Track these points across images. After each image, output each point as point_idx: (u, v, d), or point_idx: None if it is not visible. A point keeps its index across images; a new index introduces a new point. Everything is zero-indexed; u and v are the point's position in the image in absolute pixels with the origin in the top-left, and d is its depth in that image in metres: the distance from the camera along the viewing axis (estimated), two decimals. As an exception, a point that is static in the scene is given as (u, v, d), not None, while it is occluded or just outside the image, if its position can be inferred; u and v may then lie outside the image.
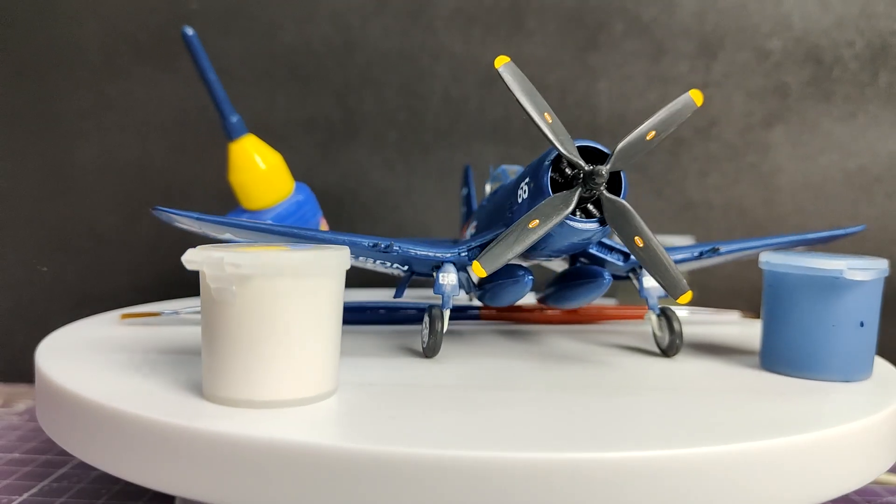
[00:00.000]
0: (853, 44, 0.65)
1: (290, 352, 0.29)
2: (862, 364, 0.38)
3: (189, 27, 0.51)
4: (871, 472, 0.31)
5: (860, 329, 0.37)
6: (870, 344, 0.38)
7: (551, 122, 0.35)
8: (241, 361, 0.29)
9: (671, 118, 0.36)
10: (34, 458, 0.46)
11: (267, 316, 0.29)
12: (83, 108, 0.69)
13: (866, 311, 0.37)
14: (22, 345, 0.64)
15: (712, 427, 0.29)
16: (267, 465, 0.26)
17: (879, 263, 0.37)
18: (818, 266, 0.36)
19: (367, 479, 0.25)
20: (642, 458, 0.26)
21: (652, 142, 0.35)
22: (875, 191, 0.66)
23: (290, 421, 0.28)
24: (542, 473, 0.25)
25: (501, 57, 0.37)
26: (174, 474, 0.28)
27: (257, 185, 0.53)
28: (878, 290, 0.38)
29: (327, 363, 0.31)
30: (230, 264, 0.28)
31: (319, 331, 0.30)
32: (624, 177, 0.36)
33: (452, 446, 0.26)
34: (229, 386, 0.29)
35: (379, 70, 0.68)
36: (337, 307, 0.31)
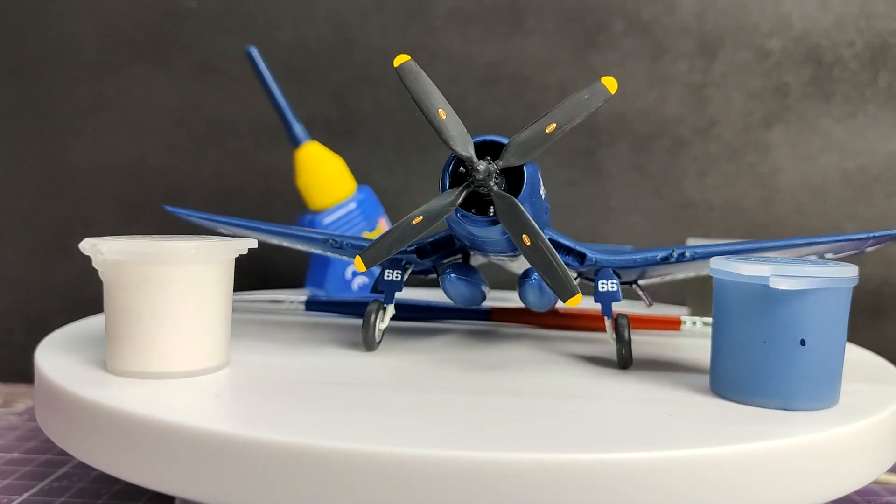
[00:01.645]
0: (853, 44, 0.65)
1: (161, 330, 0.33)
2: (809, 390, 0.32)
3: (253, 47, 0.57)
4: (871, 473, 0.31)
5: (801, 349, 0.31)
6: (820, 367, 0.32)
7: (445, 118, 0.34)
8: (117, 336, 0.34)
9: (577, 108, 0.34)
10: (34, 458, 0.46)
11: (133, 297, 0.33)
12: (80, 106, 0.69)
13: (808, 328, 0.31)
14: (22, 345, 0.64)
15: (710, 429, 0.29)
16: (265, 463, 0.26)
17: (829, 271, 0.31)
18: (744, 272, 0.32)
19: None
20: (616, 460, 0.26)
21: (553, 134, 0.33)
22: (874, 191, 0.66)
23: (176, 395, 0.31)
24: (407, 471, 0.25)
25: (401, 56, 0.37)
26: (173, 474, 0.28)
27: (319, 188, 0.58)
28: (831, 302, 0.32)
29: (203, 341, 0.34)
30: (99, 251, 0.33)
31: (190, 311, 0.34)
32: (527, 172, 0.35)
33: (269, 431, 0.26)
34: (114, 358, 0.34)
35: (377, 69, 0.68)
36: (215, 291, 0.35)
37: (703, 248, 0.39)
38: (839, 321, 0.32)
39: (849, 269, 0.32)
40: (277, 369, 0.37)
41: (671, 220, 0.67)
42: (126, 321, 0.34)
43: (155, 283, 0.33)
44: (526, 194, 0.34)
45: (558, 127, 0.33)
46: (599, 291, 0.39)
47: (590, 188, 0.67)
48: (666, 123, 0.67)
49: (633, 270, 0.40)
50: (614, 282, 0.39)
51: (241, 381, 0.34)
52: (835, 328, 0.32)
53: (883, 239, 0.38)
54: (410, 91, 0.35)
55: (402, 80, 0.35)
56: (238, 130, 0.69)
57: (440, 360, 0.40)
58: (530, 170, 0.35)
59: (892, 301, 0.66)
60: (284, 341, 0.43)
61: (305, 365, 0.38)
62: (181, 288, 0.33)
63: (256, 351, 0.40)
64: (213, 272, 0.35)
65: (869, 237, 0.38)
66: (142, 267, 0.33)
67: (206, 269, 0.34)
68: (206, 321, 0.35)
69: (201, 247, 0.34)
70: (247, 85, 0.68)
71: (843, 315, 0.33)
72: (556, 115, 0.34)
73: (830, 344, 0.32)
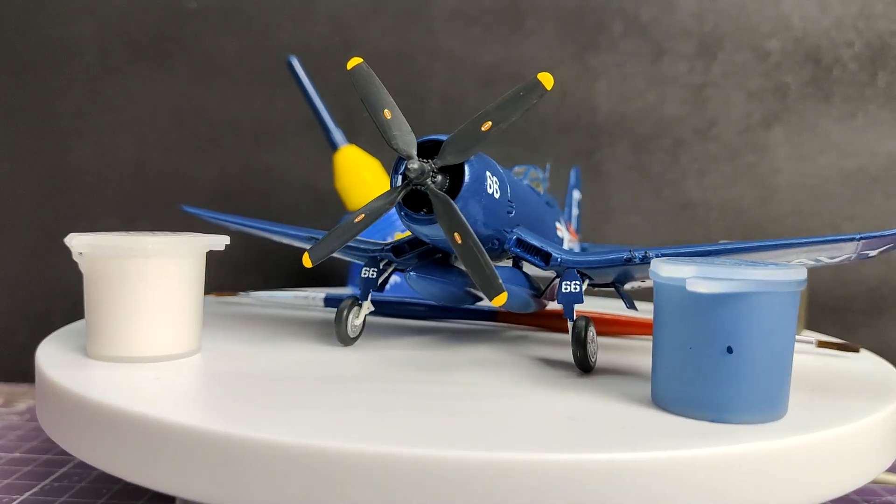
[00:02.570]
0: (852, 44, 0.66)
1: (129, 318, 0.36)
2: (741, 403, 0.29)
3: (293, 56, 0.59)
4: (870, 472, 0.31)
5: (727, 357, 0.29)
6: (753, 377, 0.29)
7: (390, 118, 0.35)
8: (90, 324, 0.37)
9: (513, 106, 0.33)
10: (35, 458, 0.46)
11: (103, 288, 0.37)
12: (80, 107, 0.69)
13: (736, 335, 0.29)
14: (22, 344, 0.64)
15: (707, 430, 0.29)
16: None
17: (764, 274, 0.28)
18: (664, 273, 0.30)
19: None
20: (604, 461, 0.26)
21: (488, 132, 0.33)
22: (873, 191, 0.66)
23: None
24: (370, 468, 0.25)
25: (354, 59, 0.38)
26: (172, 474, 0.28)
27: (357, 189, 0.59)
28: (765, 308, 0.29)
29: (170, 329, 0.37)
30: (73, 245, 0.37)
31: (157, 301, 0.37)
32: (469, 171, 0.35)
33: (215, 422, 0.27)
34: (90, 344, 0.37)
35: (377, 70, 0.67)
36: (183, 283, 0.37)
37: (669, 250, 0.37)
38: (778, 328, 0.29)
39: (791, 272, 0.29)
40: (244, 359, 0.38)
41: (671, 220, 0.68)
42: (97, 310, 0.37)
43: (122, 275, 0.36)
44: (468, 192, 0.34)
45: (494, 125, 0.33)
46: (562, 292, 0.38)
47: (590, 188, 0.67)
48: (666, 124, 0.67)
49: (601, 272, 0.39)
50: (577, 283, 0.38)
51: (202, 369, 0.36)
52: (772, 336, 0.29)
53: (872, 243, 0.34)
54: (360, 92, 0.36)
55: (354, 83, 0.36)
56: (238, 131, 0.69)
57: (396, 357, 0.40)
58: (475, 168, 0.35)
59: (892, 301, 0.66)
60: (263, 334, 0.45)
61: (273, 356, 0.39)
62: (147, 279, 0.36)
63: (229, 341, 0.42)
64: (180, 265, 0.37)
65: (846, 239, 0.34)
66: (110, 260, 0.36)
67: (173, 262, 0.37)
68: (174, 310, 0.37)
69: (167, 242, 0.37)
70: (247, 85, 0.69)
71: (784, 321, 0.29)
72: (491, 112, 0.34)
73: (766, 352, 0.29)
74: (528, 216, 0.41)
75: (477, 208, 0.35)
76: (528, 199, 0.43)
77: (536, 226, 0.43)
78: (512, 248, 0.40)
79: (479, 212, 0.36)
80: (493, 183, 0.37)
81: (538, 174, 0.49)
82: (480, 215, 0.36)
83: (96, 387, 0.32)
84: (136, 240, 0.37)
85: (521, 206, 0.40)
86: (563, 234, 0.50)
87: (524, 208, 0.41)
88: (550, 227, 0.47)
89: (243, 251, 0.59)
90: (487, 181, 0.36)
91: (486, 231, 0.37)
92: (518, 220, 0.40)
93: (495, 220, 0.37)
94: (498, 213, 0.38)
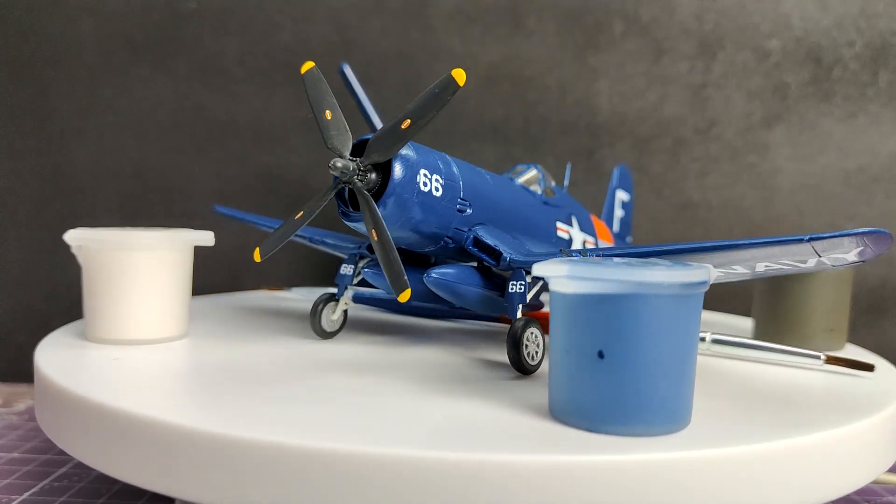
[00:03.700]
0: (853, 44, 0.65)
1: (118, 305, 0.40)
2: (614, 412, 0.27)
3: (345, 63, 0.60)
4: (871, 473, 0.31)
5: (599, 362, 0.27)
6: (629, 385, 0.27)
7: (330, 119, 0.37)
8: (87, 308, 0.41)
9: (430, 104, 0.34)
10: (34, 458, 0.46)
11: (97, 277, 0.41)
12: (80, 107, 0.69)
13: (609, 338, 0.26)
14: (22, 344, 0.64)
15: (709, 431, 0.29)
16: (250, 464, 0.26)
17: (646, 274, 0.26)
18: (536, 272, 0.28)
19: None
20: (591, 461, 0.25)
21: (409, 130, 0.34)
22: (875, 191, 0.66)
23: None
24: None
25: (308, 63, 0.40)
26: (169, 475, 0.28)
27: None
28: (648, 310, 0.26)
29: (157, 315, 0.41)
30: (70, 239, 0.42)
31: (144, 290, 0.41)
32: (396, 169, 0.36)
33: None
34: (87, 327, 0.42)
35: (377, 69, 0.68)
36: (167, 274, 0.41)
37: (617, 250, 0.37)
38: (661, 332, 0.27)
39: (679, 273, 0.26)
40: (228, 348, 0.41)
41: (671, 220, 0.67)
42: (91, 297, 0.41)
43: (113, 266, 0.40)
44: (395, 190, 0.36)
45: (413, 123, 0.34)
46: (508, 292, 0.38)
47: (590, 188, 0.67)
48: (666, 124, 0.67)
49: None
50: (523, 283, 0.38)
51: (183, 358, 0.39)
52: (652, 340, 0.26)
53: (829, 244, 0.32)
54: (308, 94, 0.38)
55: (305, 86, 0.38)
56: (239, 131, 0.69)
57: (343, 355, 0.40)
58: (405, 166, 0.36)
59: (892, 301, 0.66)
60: (254, 327, 0.48)
61: (251, 348, 0.41)
62: (135, 270, 0.41)
63: (217, 332, 0.46)
64: (166, 258, 0.41)
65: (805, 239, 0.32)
66: (103, 252, 0.41)
67: (158, 255, 0.41)
68: (161, 298, 0.41)
69: (153, 236, 0.41)
70: (247, 85, 0.68)
71: (670, 325, 0.27)
72: (410, 111, 0.34)
73: (649, 359, 0.26)
74: (499, 215, 0.42)
75: (409, 206, 0.36)
76: (504, 198, 0.43)
77: (517, 224, 0.43)
78: (469, 247, 0.40)
79: (412, 210, 0.37)
80: (432, 181, 0.38)
81: (537, 173, 0.49)
82: (416, 213, 0.37)
83: (95, 387, 0.32)
84: (125, 234, 0.41)
85: (485, 205, 0.41)
86: (574, 234, 0.50)
87: (492, 207, 0.41)
88: (544, 227, 0.47)
89: (239, 251, 0.59)
90: (421, 179, 0.37)
91: (428, 229, 0.38)
92: (480, 219, 0.40)
93: (438, 218, 0.38)
94: (441, 212, 0.38)
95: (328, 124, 0.37)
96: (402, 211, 0.36)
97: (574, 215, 0.51)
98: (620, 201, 0.64)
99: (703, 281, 0.27)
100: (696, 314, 0.28)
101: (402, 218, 0.36)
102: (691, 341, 0.28)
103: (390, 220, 0.36)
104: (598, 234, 0.54)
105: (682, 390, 0.28)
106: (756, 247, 0.32)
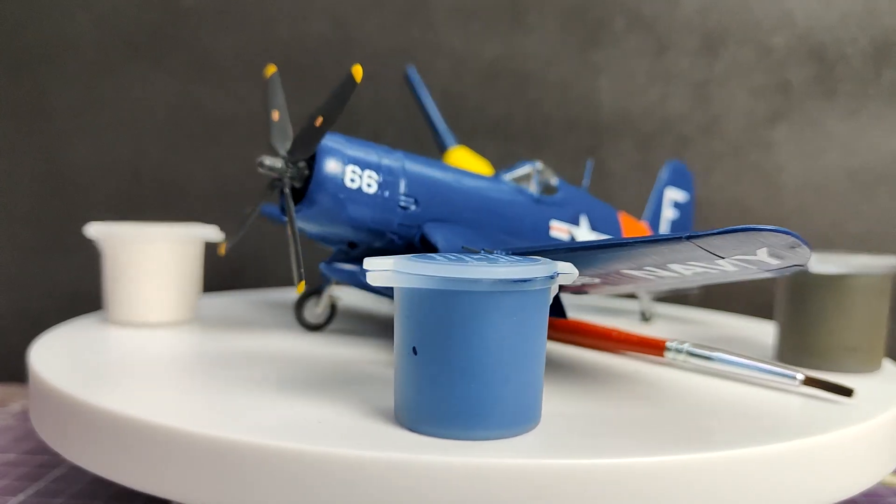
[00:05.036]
0: (856, 41, 0.65)
1: (142, 289, 0.46)
2: (427, 413, 0.26)
3: (412, 67, 0.61)
4: (877, 474, 0.31)
5: (412, 358, 0.26)
6: (443, 384, 0.25)
7: (276, 120, 0.39)
8: (111, 293, 0.47)
9: (335, 101, 0.36)
10: (30, 459, 0.45)
11: (120, 265, 0.46)
12: (77, 105, 0.68)
13: (421, 334, 0.25)
14: (16, 344, 0.63)
15: (711, 433, 0.28)
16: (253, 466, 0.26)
17: (463, 270, 0.24)
18: (365, 265, 0.27)
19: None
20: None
21: (322, 127, 0.36)
22: (878, 189, 0.65)
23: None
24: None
25: (271, 66, 0.43)
26: (162, 477, 0.27)
27: None
28: (459, 306, 0.25)
29: (165, 300, 0.46)
30: (91, 233, 0.46)
31: (153, 278, 0.46)
32: (317, 166, 0.37)
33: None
34: (112, 311, 0.47)
35: (377, 66, 0.68)
36: (175, 264, 0.46)
37: (522, 248, 0.35)
38: (483, 330, 0.25)
39: (504, 270, 0.25)
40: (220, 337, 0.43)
41: (673, 218, 0.67)
42: (109, 283, 0.47)
43: (128, 256, 0.46)
44: (316, 186, 0.37)
45: (325, 119, 0.36)
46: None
47: (593, 186, 0.66)
48: (669, 121, 0.66)
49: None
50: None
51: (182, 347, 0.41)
52: (472, 338, 0.25)
53: (709, 243, 0.29)
54: (267, 95, 0.41)
55: (266, 87, 0.41)
56: (236, 129, 0.69)
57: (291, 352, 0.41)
58: (330, 163, 0.38)
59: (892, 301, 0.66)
60: (260, 321, 0.49)
61: (239, 337, 0.43)
62: (147, 260, 0.46)
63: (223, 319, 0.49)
64: (174, 250, 0.46)
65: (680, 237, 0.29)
66: (119, 244, 0.46)
67: (168, 247, 0.46)
68: (169, 285, 0.46)
69: (163, 230, 0.46)
70: (244, 82, 0.68)
71: (493, 323, 0.25)
72: (321, 109, 0.36)
73: (464, 356, 0.25)
74: (465, 213, 0.41)
75: (335, 202, 0.38)
76: (472, 196, 0.43)
77: (494, 223, 0.43)
78: (417, 244, 0.40)
79: (340, 206, 0.38)
80: (361, 177, 0.38)
81: (531, 171, 0.47)
82: (345, 209, 0.38)
83: (89, 389, 0.31)
84: (142, 228, 0.46)
85: (442, 203, 0.41)
86: (580, 233, 0.48)
87: (453, 205, 0.41)
88: (532, 226, 0.45)
89: (236, 251, 0.58)
90: (349, 176, 0.38)
91: (363, 224, 0.39)
92: (433, 216, 0.40)
93: (374, 213, 0.39)
94: (376, 207, 0.39)
95: (274, 125, 0.39)
96: (327, 207, 0.38)
97: (585, 214, 0.49)
98: (671, 200, 0.59)
99: (525, 279, 0.25)
100: (532, 313, 0.26)
101: (329, 214, 0.38)
102: (522, 341, 0.26)
103: (318, 215, 0.38)
104: (626, 235, 0.51)
105: (508, 392, 0.26)
106: (634, 246, 0.30)
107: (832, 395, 0.34)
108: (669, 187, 0.59)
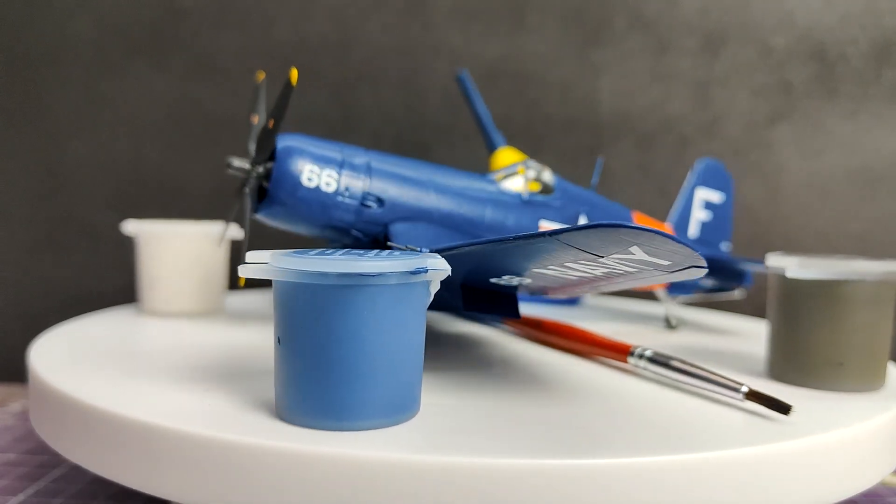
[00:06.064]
0: (857, 41, 0.65)
1: (160, 283, 0.51)
2: (293, 403, 0.27)
3: (464, 70, 0.62)
4: (877, 475, 0.31)
5: (279, 349, 0.27)
6: (306, 374, 0.26)
7: (255, 123, 0.42)
8: (146, 283, 0.51)
9: (280, 103, 0.39)
10: (30, 459, 0.45)
11: (152, 257, 0.51)
12: (77, 104, 0.68)
13: (284, 324, 0.26)
14: (16, 344, 0.63)
15: (707, 433, 0.28)
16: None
17: (329, 264, 0.25)
18: (248, 258, 0.28)
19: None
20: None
21: (274, 128, 0.39)
22: (878, 189, 0.65)
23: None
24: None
25: (261, 73, 0.45)
26: (165, 478, 0.27)
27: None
28: (313, 298, 0.26)
29: (194, 292, 0.51)
30: (129, 230, 0.51)
31: (181, 272, 0.50)
32: (276, 165, 0.39)
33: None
34: (145, 301, 0.52)
35: (377, 66, 0.68)
36: (202, 260, 0.51)
37: (444, 248, 0.35)
38: (336, 321, 0.25)
39: (365, 264, 0.25)
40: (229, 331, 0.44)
41: (674, 218, 0.67)
42: (142, 275, 0.52)
43: (159, 251, 0.51)
44: (275, 185, 0.39)
45: (275, 121, 0.38)
46: None
47: (592, 186, 0.67)
48: (669, 121, 0.66)
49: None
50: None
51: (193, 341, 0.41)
52: (331, 331, 0.25)
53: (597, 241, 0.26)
54: (252, 99, 0.44)
55: (255, 92, 0.44)
56: (236, 128, 0.68)
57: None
58: (289, 162, 0.39)
59: None
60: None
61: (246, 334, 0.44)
62: (175, 255, 0.51)
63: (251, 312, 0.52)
64: (202, 247, 0.51)
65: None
66: (152, 239, 0.51)
67: (194, 244, 0.51)
68: (195, 279, 0.51)
69: (190, 228, 0.51)
70: (245, 82, 0.68)
71: (349, 316, 0.25)
72: (272, 112, 0.39)
73: (319, 348, 0.25)
74: (429, 212, 0.42)
75: (292, 201, 0.39)
76: (442, 195, 0.43)
77: (467, 220, 0.43)
78: (384, 243, 0.41)
79: (297, 204, 0.39)
80: (320, 176, 0.40)
81: (520, 171, 0.47)
82: (303, 207, 0.39)
83: (88, 388, 0.31)
84: (170, 225, 0.52)
85: (412, 203, 0.41)
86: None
87: (424, 206, 0.42)
88: (516, 227, 0.45)
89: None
90: (305, 174, 0.39)
91: (323, 222, 0.40)
92: (401, 216, 0.41)
93: (334, 211, 0.40)
94: (336, 206, 0.40)
95: (253, 129, 0.41)
96: (286, 205, 0.39)
97: (584, 213, 0.49)
98: (703, 201, 0.56)
99: (371, 273, 0.25)
100: (393, 305, 0.26)
101: (289, 211, 0.40)
102: (382, 333, 0.26)
103: (279, 213, 0.40)
104: None
105: (368, 384, 0.26)
106: (503, 243, 0.28)
107: (771, 411, 0.31)
108: (701, 187, 0.56)
